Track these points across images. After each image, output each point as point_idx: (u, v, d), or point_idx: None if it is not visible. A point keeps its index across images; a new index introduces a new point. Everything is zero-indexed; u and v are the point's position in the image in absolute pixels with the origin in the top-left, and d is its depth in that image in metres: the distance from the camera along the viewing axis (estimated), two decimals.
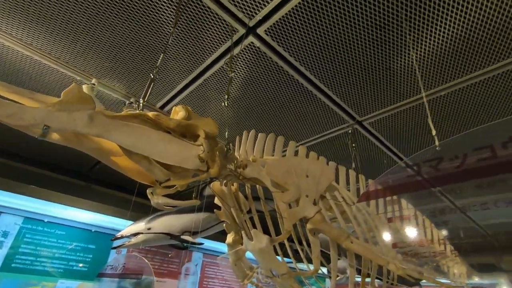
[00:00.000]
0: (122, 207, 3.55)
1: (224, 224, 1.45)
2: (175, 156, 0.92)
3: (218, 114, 2.44)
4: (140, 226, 2.76)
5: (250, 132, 1.57)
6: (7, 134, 2.73)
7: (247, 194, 1.56)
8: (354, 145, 2.37)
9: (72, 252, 3.50)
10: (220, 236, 2.94)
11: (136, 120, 0.93)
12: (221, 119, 2.40)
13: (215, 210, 1.45)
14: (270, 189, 1.19)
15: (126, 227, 2.88)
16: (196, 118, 1.10)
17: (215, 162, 1.02)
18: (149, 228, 2.70)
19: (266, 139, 1.54)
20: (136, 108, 1.10)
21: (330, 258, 1.23)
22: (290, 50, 1.81)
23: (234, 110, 2.44)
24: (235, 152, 1.51)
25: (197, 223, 2.72)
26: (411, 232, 1.76)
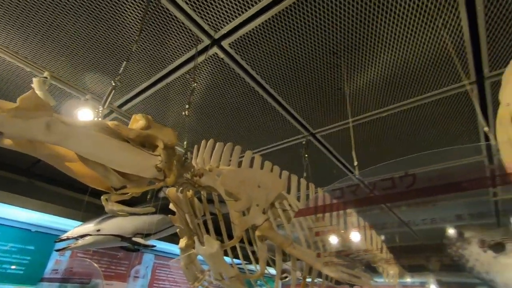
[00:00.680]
0: (69, 206, 3.34)
1: (177, 230, 1.49)
2: (133, 165, 0.96)
3: (180, 119, 2.46)
4: (89, 227, 2.65)
5: (209, 141, 1.64)
6: None
7: (202, 199, 1.62)
8: (307, 155, 2.55)
9: (7, 254, 3.21)
10: (174, 238, 2.93)
11: (95, 128, 0.95)
12: (182, 126, 2.42)
13: (169, 216, 1.49)
14: (224, 197, 1.27)
15: (74, 227, 2.74)
16: (156, 127, 1.15)
17: (172, 171, 1.08)
18: (98, 230, 2.60)
19: (224, 148, 1.62)
20: (98, 113, 1.11)
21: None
22: (252, 64, 1.92)
23: (196, 118, 2.47)
24: (193, 161, 1.56)
25: (151, 225, 2.69)
26: (350, 238, 1.97)
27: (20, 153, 0.92)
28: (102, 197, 1.03)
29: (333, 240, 1.66)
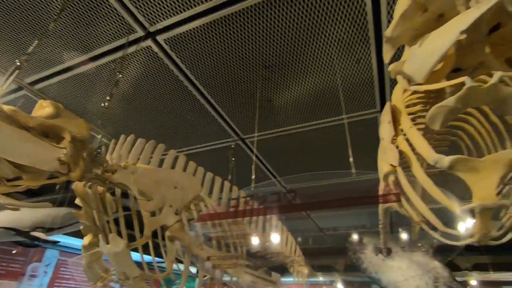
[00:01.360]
0: None
1: (81, 226, 1.40)
2: (29, 156, 0.88)
3: (101, 110, 2.29)
4: None
5: (129, 136, 1.58)
6: None
7: (116, 194, 1.54)
8: (234, 158, 2.63)
9: None
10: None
11: None
12: (102, 118, 2.26)
13: (74, 211, 1.39)
14: (137, 196, 1.24)
15: None
16: (66, 117, 1.07)
17: (78, 166, 1.02)
18: None
19: (145, 146, 1.58)
20: None
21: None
22: (187, 63, 1.91)
23: (121, 110, 2.33)
24: (107, 156, 1.49)
25: (56, 219, 2.43)
26: (263, 240, 2.11)
27: None
28: None
29: (246, 242, 1.77)
